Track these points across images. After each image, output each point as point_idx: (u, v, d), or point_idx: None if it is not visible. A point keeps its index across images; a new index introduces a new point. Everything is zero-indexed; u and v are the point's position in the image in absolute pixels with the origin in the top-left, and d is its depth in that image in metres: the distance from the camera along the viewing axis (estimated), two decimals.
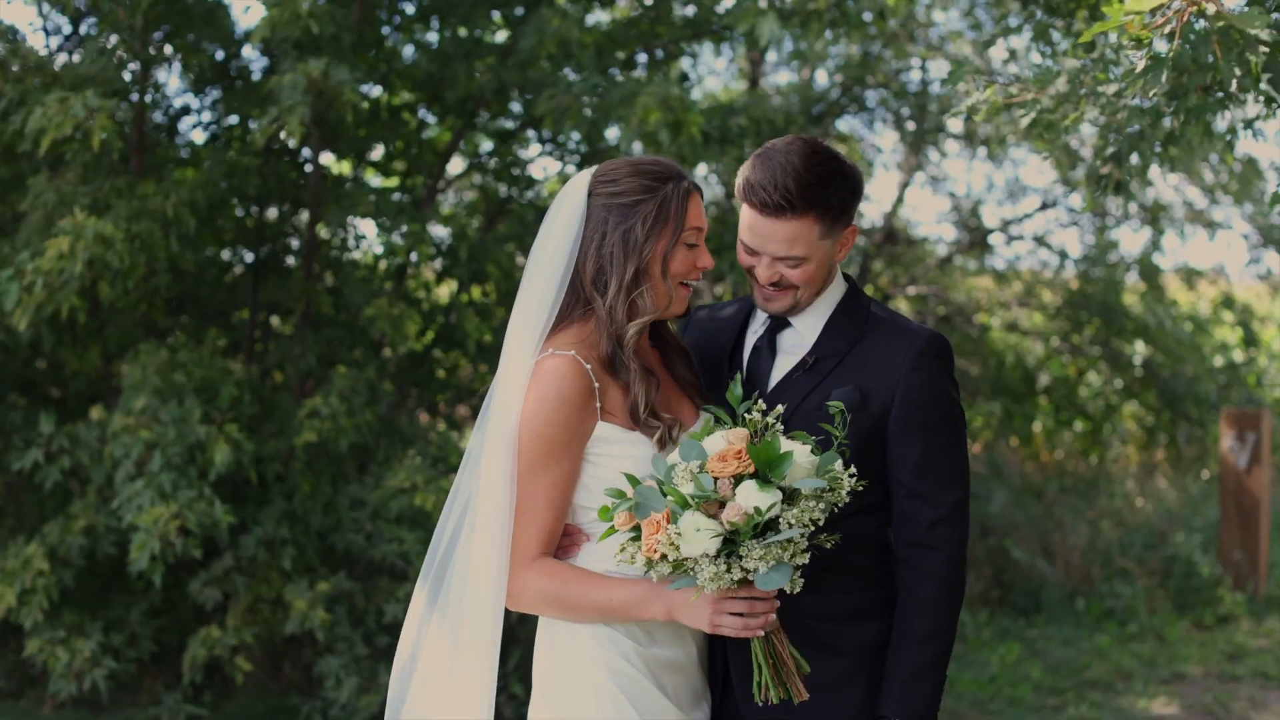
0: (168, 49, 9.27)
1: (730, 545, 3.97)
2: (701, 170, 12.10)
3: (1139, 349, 15.79)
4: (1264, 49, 4.72)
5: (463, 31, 10.04)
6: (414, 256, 9.96)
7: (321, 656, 9.12)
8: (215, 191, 9.11)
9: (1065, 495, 14.42)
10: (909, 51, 14.16)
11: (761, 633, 4.10)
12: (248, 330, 9.95)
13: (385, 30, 9.93)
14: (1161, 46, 4.84)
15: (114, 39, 8.87)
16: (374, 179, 10.81)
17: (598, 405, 4.26)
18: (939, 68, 14.29)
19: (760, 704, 4.19)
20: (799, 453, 4.03)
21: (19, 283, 8.10)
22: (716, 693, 4.52)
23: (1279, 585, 13.00)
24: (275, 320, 10.35)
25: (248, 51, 9.68)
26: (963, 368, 15.26)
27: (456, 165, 11.13)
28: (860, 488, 4.06)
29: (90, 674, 8.76)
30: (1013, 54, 10.18)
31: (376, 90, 10.02)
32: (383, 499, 8.85)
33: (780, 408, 4.14)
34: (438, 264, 10.30)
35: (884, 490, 4.44)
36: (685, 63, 12.52)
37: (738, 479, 4.00)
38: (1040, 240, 15.91)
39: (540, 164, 15.98)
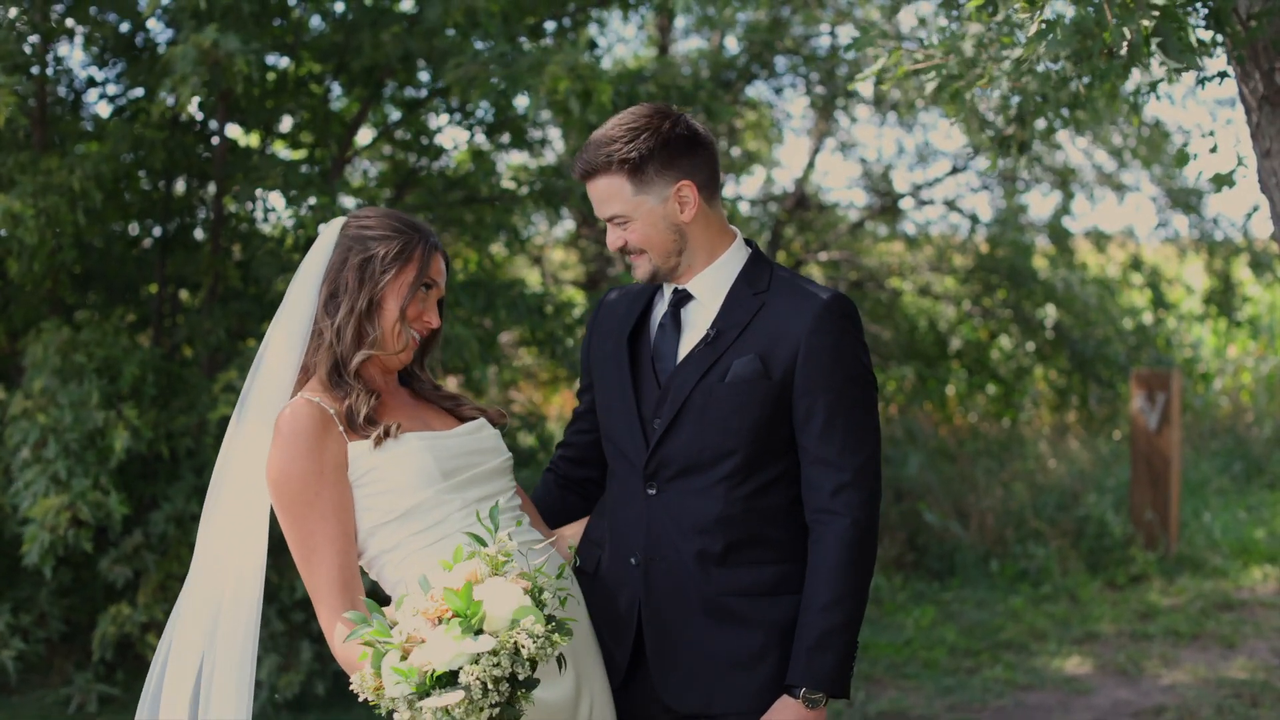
0: (70, 21, 9.14)
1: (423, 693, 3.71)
2: None
3: (1049, 312, 15.88)
4: (1155, 14, 4.74)
5: (368, 0, 9.94)
6: (322, 229, 9.86)
7: None
8: (120, 165, 8.99)
9: (978, 458, 14.49)
10: (818, 17, 14.15)
11: None
12: (156, 305, 9.83)
13: (291, 0, 9.82)
14: (1063, 9, 4.86)
15: (13, 11, 8.73)
16: (282, 151, 10.70)
17: (340, 429, 4.19)
18: (848, 33, 14.29)
19: None
20: (502, 602, 3.73)
21: None
22: (621, 672, 4.45)
23: (1189, 544, 13.14)
24: (185, 294, 10.24)
25: (152, 24, 9.55)
26: (875, 333, 15.33)
27: (365, 136, 11.04)
28: (553, 654, 3.80)
29: None
30: (921, 21, 10.22)
31: (284, 61, 9.91)
32: None
33: (515, 544, 3.93)
34: None
35: (795, 460, 4.38)
36: (593, 30, 12.46)
37: (442, 621, 3.73)
38: (951, 205, 15.97)
39: (449, 134, 15.94)
